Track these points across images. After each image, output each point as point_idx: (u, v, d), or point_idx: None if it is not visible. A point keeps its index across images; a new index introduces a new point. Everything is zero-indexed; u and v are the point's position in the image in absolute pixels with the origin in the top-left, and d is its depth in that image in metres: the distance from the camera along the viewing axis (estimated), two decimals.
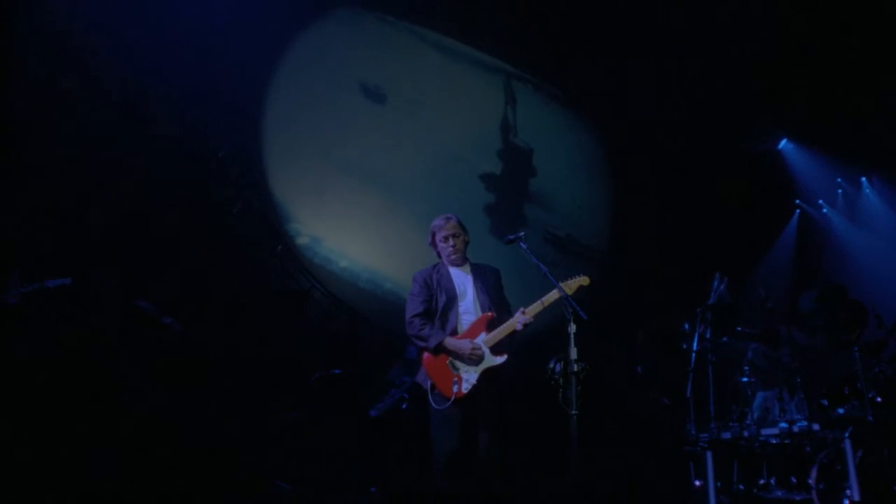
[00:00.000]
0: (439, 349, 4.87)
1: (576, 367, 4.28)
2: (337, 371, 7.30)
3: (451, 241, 5.14)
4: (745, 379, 6.21)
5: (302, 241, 8.66)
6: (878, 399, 5.81)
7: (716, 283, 6.40)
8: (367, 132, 9.17)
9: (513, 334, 4.91)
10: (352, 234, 8.97)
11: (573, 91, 10.42)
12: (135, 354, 5.21)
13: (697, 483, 6.10)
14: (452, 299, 5.03)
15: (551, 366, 4.43)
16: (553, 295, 4.78)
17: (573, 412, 4.23)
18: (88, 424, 5.32)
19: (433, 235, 5.23)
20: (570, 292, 4.76)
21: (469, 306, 5.05)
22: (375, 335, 8.52)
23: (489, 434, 4.79)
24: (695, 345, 6.25)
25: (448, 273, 5.15)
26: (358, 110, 9.18)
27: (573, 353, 4.32)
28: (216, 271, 7.69)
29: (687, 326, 6.49)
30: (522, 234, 5.00)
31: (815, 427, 5.69)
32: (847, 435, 5.44)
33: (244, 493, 6.18)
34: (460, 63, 9.87)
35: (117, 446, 5.40)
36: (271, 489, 6.43)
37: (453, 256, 5.15)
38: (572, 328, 4.40)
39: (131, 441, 5.52)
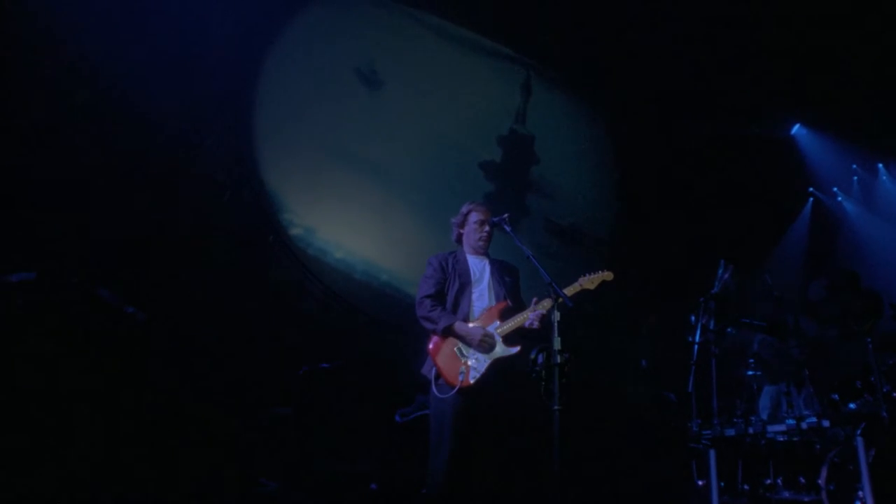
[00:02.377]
0: (448, 333, 4.70)
1: (559, 359, 4.01)
2: (325, 365, 7.12)
3: (485, 227, 5.04)
4: (750, 372, 6.00)
5: (295, 231, 8.40)
6: (894, 394, 5.55)
7: (720, 272, 6.26)
8: (362, 119, 8.89)
9: (522, 330, 4.71)
10: (347, 225, 8.69)
11: (578, 74, 10.14)
12: (96, 346, 4.95)
13: (700, 483, 5.98)
14: (466, 284, 4.91)
15: (533, 356, 4.17)
16: (573, 288, 4.70)
17: (555, 407, 3.95)
18: (59, 423, 5.16)
19: (465, 215, 5.12)
20: (591, 287, 4.71)
21: (483, 293, 4.92)
22: (371, 329, 8.33)
23: (492, 429, 4.63)
24: (697, 336, 6.11)
25: (465, 259, 5.03)
26: (353, 96, 8.89)
27: (556, 343, 4.05)
28: (204, 262, 7.49)
29: (693, 318, 6.33)
30: (506, 216, 4.88)
31: (826, 423, 5.45)
32: (859, 432, 5.19)
33: (230, 492, 6.09)
34: (459, 47, 9.59)
35: (92, 445, 5.26)
36: (258, 488, 6.33)
37: (481, 243, 5.03)
38: (556, 316, 4.15)
39: (108, 440, 5.38)
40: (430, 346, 4.77)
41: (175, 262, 7.27)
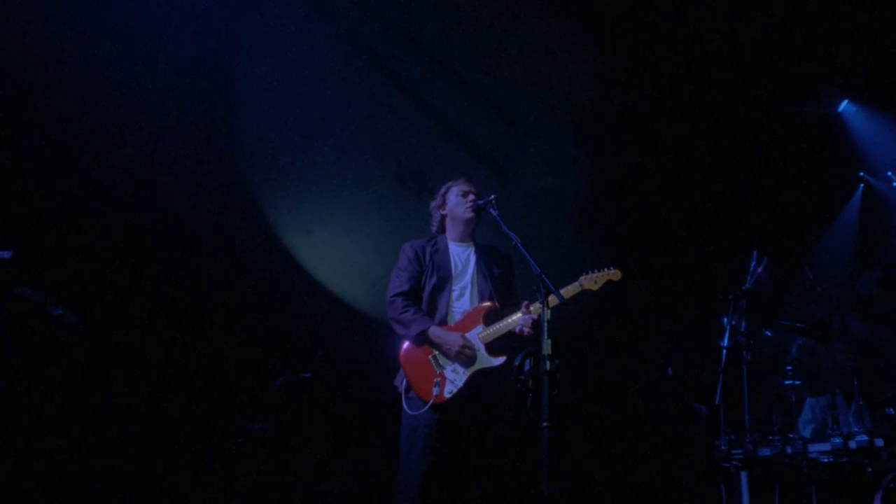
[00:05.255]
0: (422, 340, 4.50)
1: (549, 366, 3.64)
2: (306, 375, 7.05)
3: (470, 196, 4.83)
4: (789, 382, 5.73)
5: (280, 220, 8.25)
6: None
7: (753, 265, 5.96)
8: (356, 91, 8.45)
9: (512, 335, 4.47)
10: (339, 213, 8.47)
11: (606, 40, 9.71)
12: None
13: None
14: (445, 280, 4.67)
15: (518, 363, 3.84)
16: (573, 288, 4.47)
17: (544, 424, 3.58)
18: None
19: (444, 194, 4.95)
20: (594, 287, 4.47)
21: (465, 289, 4.71)
22: (364, 332, 8.09)
23: (471, 452, 4.40)
24: (725, 340, 5.78)
25: (446, 248, 4.81)
26: (357, 77, 8.45)
27: (546, 348, 3.69)
28: (176, 258, 7.40)
29: (726, 320, 6.04)
30: (493, 197, 4.59)
31: (879, 443, 5.18)
32: None
33: None
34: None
35: (42, 468, 5.24)
36: None
37: (470, 214, 4.76)
38: (546, 315, 3.79)
39: (61, 461, 5.39)
40: (401, 353, 4.54)
41: (146, 261, 7.17)
